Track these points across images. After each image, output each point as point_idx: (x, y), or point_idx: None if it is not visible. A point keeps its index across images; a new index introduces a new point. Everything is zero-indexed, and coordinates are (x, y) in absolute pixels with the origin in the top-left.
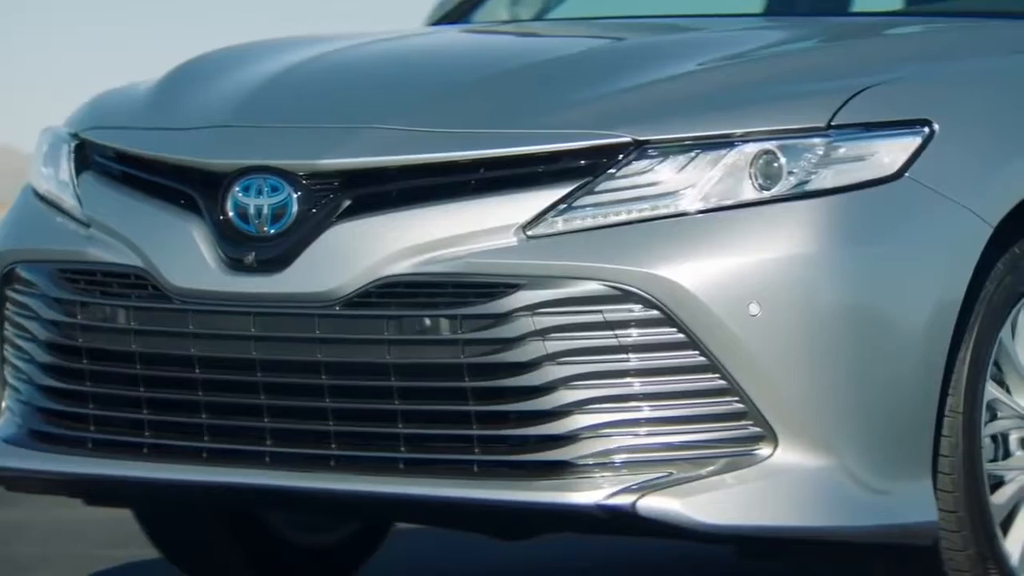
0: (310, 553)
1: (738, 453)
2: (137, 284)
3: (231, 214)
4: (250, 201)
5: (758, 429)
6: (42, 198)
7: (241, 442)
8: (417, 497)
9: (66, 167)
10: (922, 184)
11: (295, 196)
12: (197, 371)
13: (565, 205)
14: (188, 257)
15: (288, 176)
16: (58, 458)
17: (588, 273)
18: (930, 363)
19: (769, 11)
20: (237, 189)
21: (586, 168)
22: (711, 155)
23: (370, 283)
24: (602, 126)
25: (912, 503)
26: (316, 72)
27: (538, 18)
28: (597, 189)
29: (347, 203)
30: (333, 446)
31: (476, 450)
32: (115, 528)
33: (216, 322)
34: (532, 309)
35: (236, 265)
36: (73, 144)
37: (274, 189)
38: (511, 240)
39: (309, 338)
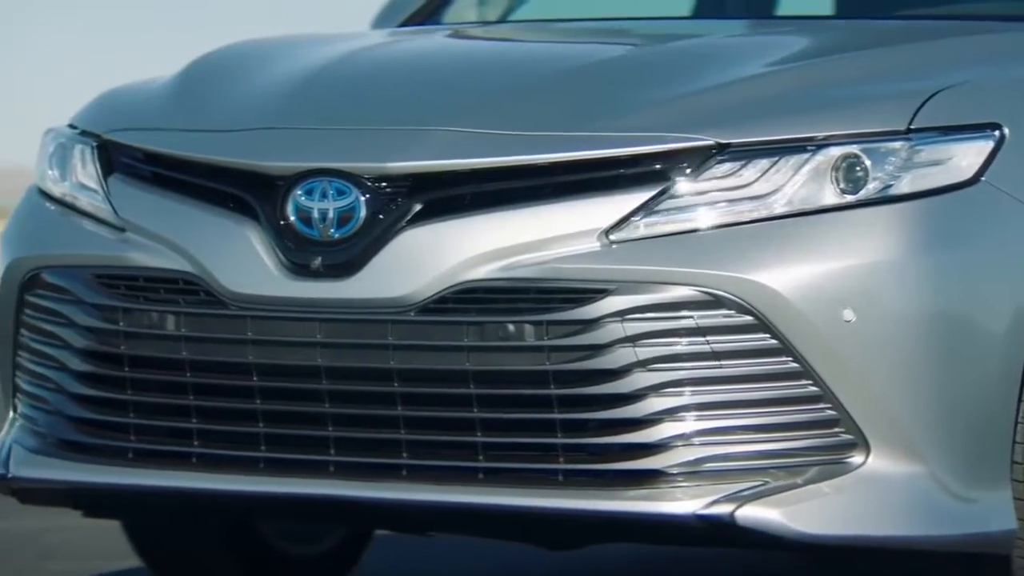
0: (300, 564)
1: (831, 461)
2: (186, 289)
3: (292, 218)
4: (313, 205)
5: (850, 436)
6: (58, 201)
7: (303, 451)
8: (498, 507)
9: (90, 170)
10: (998, 188)
11: (363, 199)
12: (255, 378)
13: (648, 209)
14: (245, 262)
15: (354, 179)
16: (94, 468)
17: (679, 278)
18: (1008, 369)
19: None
20: (299, 192)
21: (667, 171)
22: (794, 158)
23: (447, 288)
24: (682, 129)
25: (994, 511)
26: (358, 71)
27: (505, 20)
28: (679, 192)
29: (418, 207)
30: (404, 455)
31: (560, 459)
32: (47, 540)
33: (278, 328)
34: (622, 315)
35: (300, 270)
36: (93, 145)
37: (340, 192)
38: (594, 245)
39: (381, 344)
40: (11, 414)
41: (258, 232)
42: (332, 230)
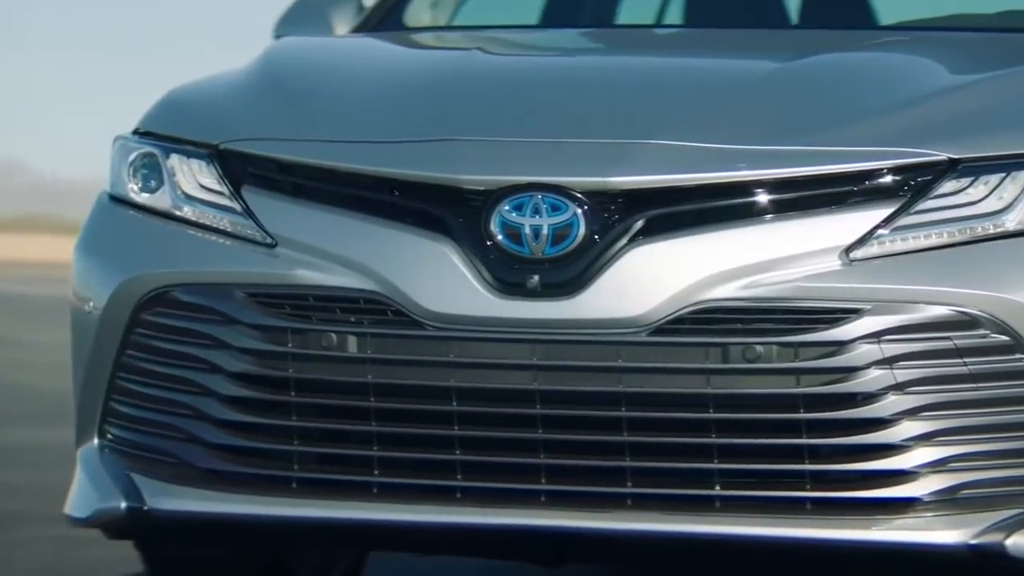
0: None
1: None
2: (369, 309)
3: (498, 234)
4: (524, 221)
5: None
6: (162, 215)
7: (508, 480)
8: (742, 538)
9: (209, 181)
10: None
11: (581, 216)
12: (454, 403)
13: (887, 226)
14: (445, 281)
15: (570, 194)
16: (251, 500)
17: (934, 298)
18: None
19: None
20: (506, 208)
21: (902, 187)
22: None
23: (684, 308)
24: (910, 143)
25: None
26: (523, 79)
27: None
28: (916, 209)
29: (641, 223)
30: (630, 484)
31: (808, 486)
32: None
33: (485, 350)
34: (878, 336)
35: (512, 289)
36: (207, 155)
37: (554, 208)
38: (834, 263)
39: (609, 367)
40: (95, 441)
41: (456, 249)
42: (546, 247)
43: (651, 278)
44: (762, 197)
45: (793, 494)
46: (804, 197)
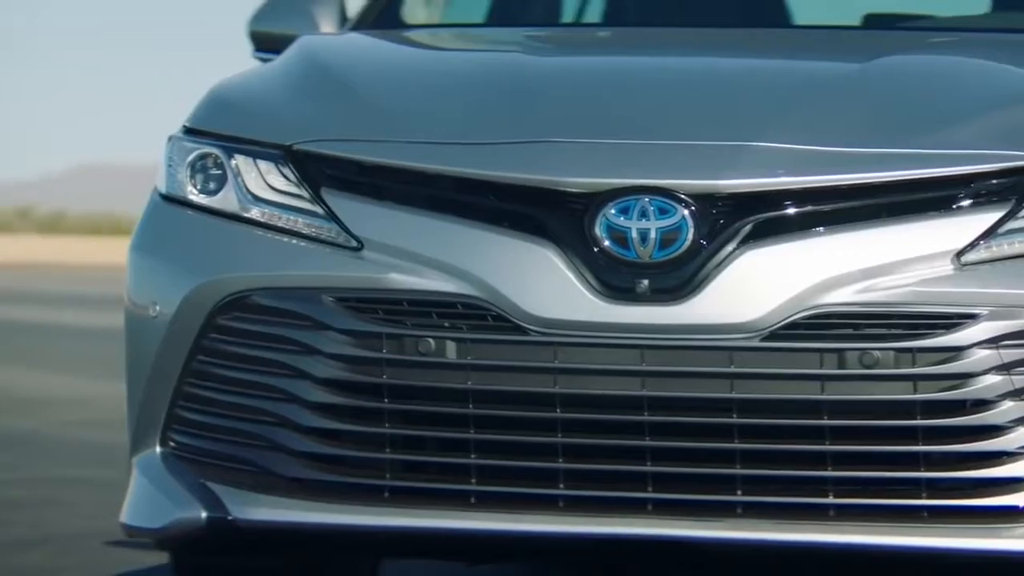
0: None
1: None
2: (468, 314)
3: (603, 238)
4: (631, 224)
5: None
6: (230, 217)
7: (614, 488)
8: (856, 547)
9: (280, 182)
10: None
11: (689, 219)
12: (558, 410)
13: (997, 229)
14: (549, 285)
15: (677, 197)
16: (342, 509)
17: None
18: None
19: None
20: (612, 211)
21: (1007, 190)
22: None
23: (798, 313)
24: (1018, 145)
25: None
26: (618, 78)
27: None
28: (1021, 213)
29: (750, 227)
30: (740, 492)
31: (924, 494)
32: None
33: (592, 356)
34: (996, 342)
35: (619, 293)
36: (278, 156)
37: (662, 211)
38: (947, 268)
39: (720, 373)
40: (157, 448)
41: (559, 252)
42: (654, 251)
43: (763, 282)
44: (873, 201)
45: (909, 502)
46: (915, 200)
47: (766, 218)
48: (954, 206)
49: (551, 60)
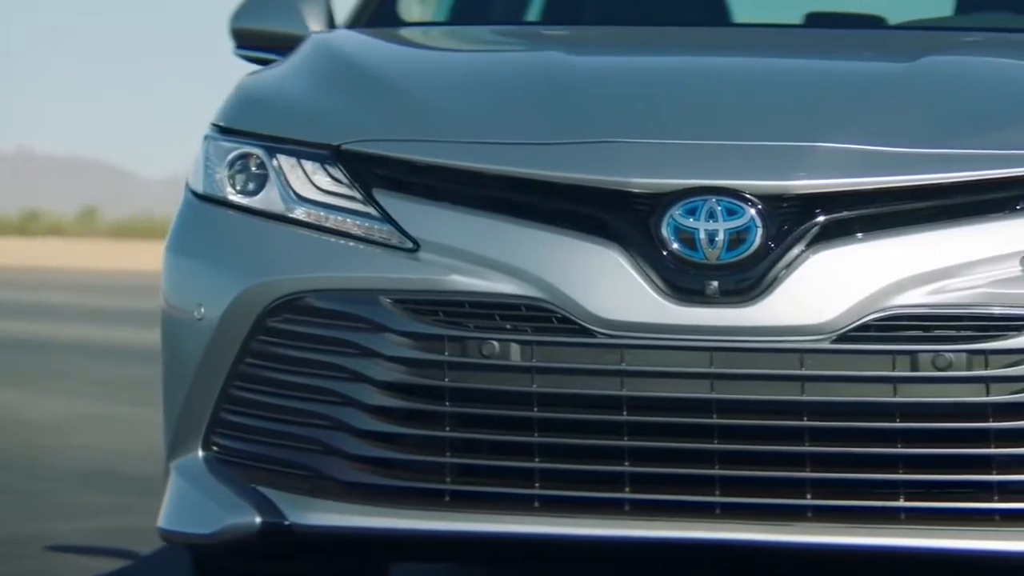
0: None
1: None
2: (531, 316)
3: (671, 239)
4: (699, 225)
5: None
6: (277, 218)
7: (681, 492)
8: (929, 551)
9: (326, 182)
10: None
11: (758, 220)
12: (624, 413)
13: None
14: (616, 287)
15: (745, 198)
16: (401, 514)
17: None
18: None
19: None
20: (678, 212)
21: None
22: None
23: (869, 315)
24: None
25: None
26: (676, 78)
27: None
28: None
29: (819, 228)
30: (809, 496)
31: (996, 498)
32: None
33: (660, 358)
34: None
35: (687, 295)
36: (326, 156)
37: (730, 212)
38: (1016, 269)
39: (790, 375)
40: (199, 452)
41: (624, 254)
42: (722, 252)
43: (833, 284)
44: (941, 202)
45: (981, 505)
46: (983, 201)
47: (834, 219)
48: (1019, 207)
49: (590, 59)
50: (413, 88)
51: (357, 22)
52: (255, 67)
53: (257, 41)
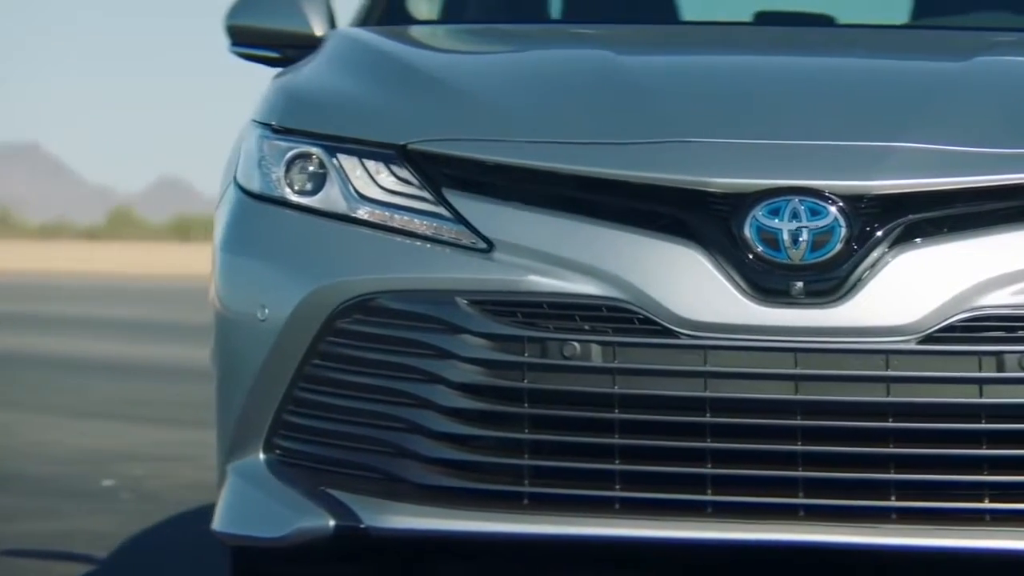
0: None
1: None
2: (613, 317)
3: (754, 239)
4: (782, 225)
5: None
6: (339, 217)
7: (764, 494)
8: (1010, 552)
9: (389, 181)
10: None
11: (841, 220)
12: (707, 415)
13: None
14: (699, 288)
15: (828, 198)
16: (478, 517)
17: None
18: None
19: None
20: (761, 212)
21: None
22: None
23: (954, 316)
24: None
25: None
26: (742, 77)
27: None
28: None
29: (902, 228)
30: (894, 497)
31: None
32: None
33: (745, 360)
34: None
35: (771, 296)
36: (390, 156)
37: (814, 212)
38: None
39: (875, 376)
40: (260, 455)
41: (706, 254)
42: (806, 253)
43: (918, 284)
44: (1019, 202)
45: None
46: None
47: (917, 219)
48: None
49: (643, 58)
50: (472, 87)
51: (368, 20)
52: (248, 63)
53: (254, 38)
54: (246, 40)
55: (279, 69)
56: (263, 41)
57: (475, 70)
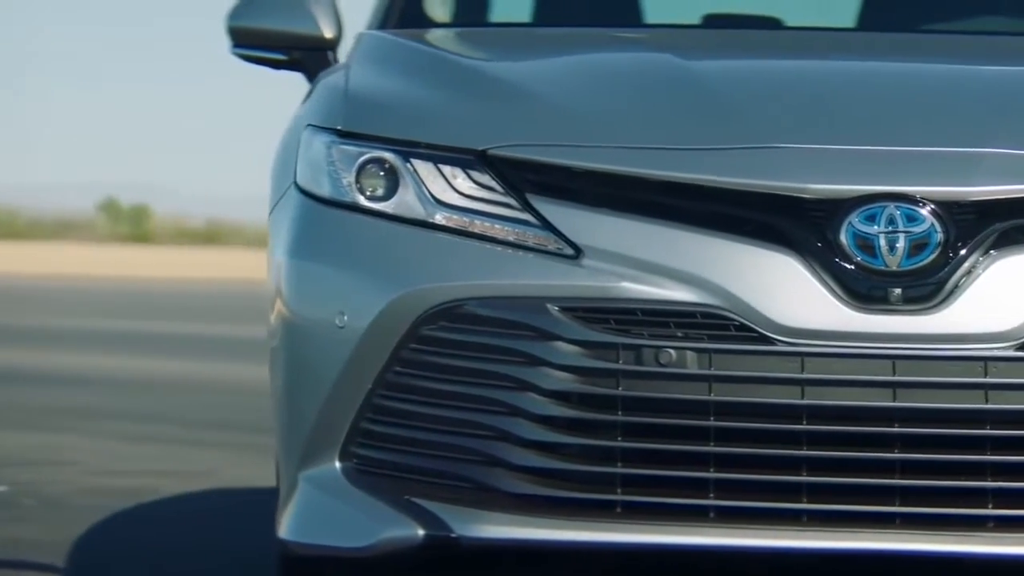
0: None
1: None
2: (708, 324)
3: (850, 246)
4: (878, 231)
5: None
6: (420, 224)
7: (860, 502)
8: None
9: (468, 187)
10: None
11: (938, 226)
12: (804, 422)
13: None
14: (796, 294)
15: (923, 204)
16: (570, 526)
17: None
18: None
19: None
20: (857, 218)
21: None
22: None
23: None
24: None
25: None
26: (825, 82)
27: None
28: None
29: (998, 234)
30: (990, 505)
31: None
32: None
33: (844, 367)
34: None
35: (869, 303)
36: (469, 161)
37: (910, 219)
38: None
39: (974, 383)
40: (336, 463)
41: (801, 260)
42: (903, 259)
43: (1015, 290)
44: None
45: None
46: None
47: (1013, 225)
48: None
49: (717, 63)
50: (546, 91)
51: (386, 23)
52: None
53: (258, 40)
54: (250, 42)
55: (281, 71)
56: (269, 43)
57: (545, 75)
